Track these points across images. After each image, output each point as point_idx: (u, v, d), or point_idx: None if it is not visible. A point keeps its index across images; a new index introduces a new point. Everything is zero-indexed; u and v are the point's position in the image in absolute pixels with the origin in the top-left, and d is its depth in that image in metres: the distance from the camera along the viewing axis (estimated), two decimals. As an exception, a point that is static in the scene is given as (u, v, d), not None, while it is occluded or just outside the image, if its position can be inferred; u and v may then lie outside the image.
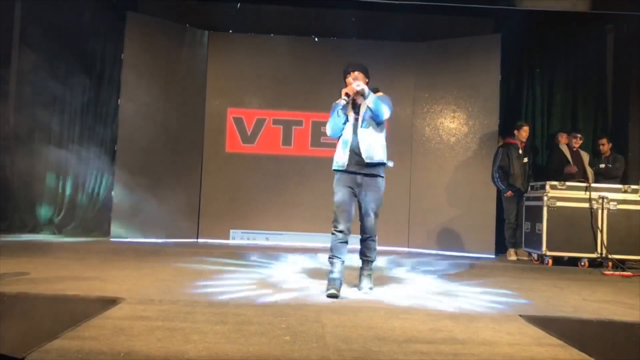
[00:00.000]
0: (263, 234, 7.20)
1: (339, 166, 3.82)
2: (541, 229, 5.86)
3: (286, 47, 7.45)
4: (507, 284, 4.62)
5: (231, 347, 2.28)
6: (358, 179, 3.81)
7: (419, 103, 7.33)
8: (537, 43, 7.49)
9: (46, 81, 6.92)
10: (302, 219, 7.20)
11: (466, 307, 3.44)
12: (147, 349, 2.21)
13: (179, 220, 6.98)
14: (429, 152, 7.24)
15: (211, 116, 7.32)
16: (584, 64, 7.40)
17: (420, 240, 7.15)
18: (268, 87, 7.37)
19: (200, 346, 2.28)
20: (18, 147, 7.04)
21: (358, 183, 3.82)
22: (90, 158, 7.16)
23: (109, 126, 7.13)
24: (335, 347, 2.35)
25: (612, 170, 6.48)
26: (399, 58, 7.37)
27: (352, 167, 3.79)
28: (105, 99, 7.25)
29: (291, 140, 7.36)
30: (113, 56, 7.16)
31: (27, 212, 7.09)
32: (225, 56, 7.39)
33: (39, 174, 7.14)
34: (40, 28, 6.77)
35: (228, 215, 7.22)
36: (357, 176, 3.81)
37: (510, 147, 6.54)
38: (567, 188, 5.92)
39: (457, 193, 7.01)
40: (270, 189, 7.24)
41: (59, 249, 5.53)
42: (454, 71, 7.16)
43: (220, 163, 7.29)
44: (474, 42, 7.11)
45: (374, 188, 3.84)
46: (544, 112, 7.42)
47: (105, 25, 7.17)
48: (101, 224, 7.00)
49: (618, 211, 5.81)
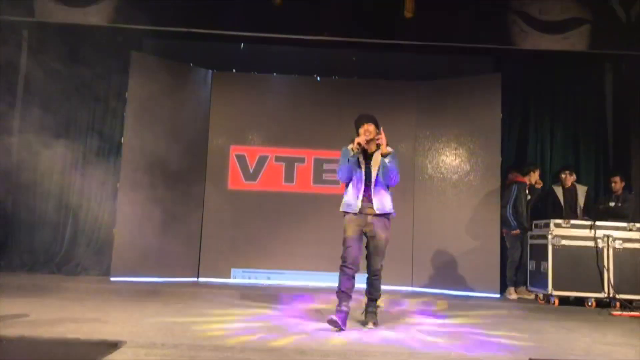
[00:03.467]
0: (265, 272, 7.12)
1: (352, 209, 4.11)
2: (546, 268, 5.80)
3: (289, 86, 7.55)
4: (514, 324, 4.55)
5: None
6: (368, 219, 4.10)
7: (421, 141, 7.36)
8: (537, 82, 7.57)
9: (50, 119, 6.95)
10: (305, 257, 7.13)
11: (475, 350, 3.36)
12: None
13: (179, 258, 6.91)
14: (431, 189, 7.23)
15: (214, 153, 7.33)
16: (583, 102, 7.47)
17: (425, 279, 7.06)
18: (271, 125, 7.41)
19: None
20: (20, 185, 7.03)
21: (368, 223, 4.09)
22: (92, 196, 7.13)
23: (112, 164, 7.12)
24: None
25: (621, 209, 6.37)
26: (400, 97, 7.44)
27: (364, 210, 4.10)
28: (108, 137, 7.25)
29: (293, 177, 7.35)
30: (117, 94, 7.21)
31: (27, 250, 7.02)
32: (229, 94, 7.47)
33: (40, 212, 7.09)
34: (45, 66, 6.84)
35: (229, 253, 7.15)
36: (367, 217, 4.10)
37: (522, 186, 6.56)
38: (571, 226, 5.89)
39: (460, 231, 6.96)
40: (272, 226, 7.20)
41: (58, 289, 5.45)
42: (455, 109, 7.22)
43: (222, 200, 7.26)
44: (474, 81, 7.19)
45: (383, 228, 4.09)
46: (545, 150, 7.43)
47: (110, 65, 7.24)
48: (101, 263, 6.92)
49: (624, 250, 5.76)
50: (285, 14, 6.83)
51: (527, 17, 7.07)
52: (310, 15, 6.89)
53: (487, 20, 7.01)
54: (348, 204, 4.13)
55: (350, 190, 4.15)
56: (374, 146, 4.15)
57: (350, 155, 4.07)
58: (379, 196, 4.10)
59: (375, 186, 4.11)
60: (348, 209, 4.13)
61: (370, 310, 4.09)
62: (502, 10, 7.02)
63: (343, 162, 4.13)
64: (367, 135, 4.08)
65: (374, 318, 4.06)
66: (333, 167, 6.88)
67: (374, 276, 4.10)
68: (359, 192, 4.10)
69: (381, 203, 4.09)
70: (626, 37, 7.05)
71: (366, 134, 4.09)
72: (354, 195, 4.11)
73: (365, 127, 4.12)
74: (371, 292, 4.12)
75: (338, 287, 4.00)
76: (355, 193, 4.11)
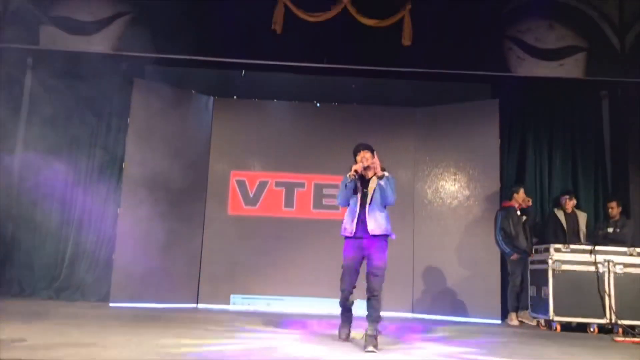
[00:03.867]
0: (264, 298, 7.07)
1: (348, 233, 4.34)
2: (547, 293, 5.77)
3: (289, 112, 7.64)
4: (515, 350, 4.50)
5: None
6: (364, 242, 4.29)
7: (420, 166, 7.40)
8: (535, 108, 7.64)
9: (52, 145, 7.02)
10: (304, 283, 7.10)
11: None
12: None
13: (179, 284, 6.90)
14: (431, 215, 7.24)
15: (214, 179, 7.37)
16: (581, 128, 7.52)
17: (425, 306, 7.02)
18: (271, 150, 7.47)
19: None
20: (20, 212, 7.04)
21: (364, 246, 4.28)
22: (92, 222, 7.13)
23: (113, 189, 7.13)
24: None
25: (620, 235, 6.37)
26: (398, 122, 7.52)
27: (359, 233, 4.30)
28: (110, 163, 7.29)
29: (293, 202, 7.37)
30: (119, 121, 7.27)
31: (26, 276, 6.99)
32: (230, 120, 7.54)
33: (39, 238, 7.08)
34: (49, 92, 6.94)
35: (229, 279, 7.12)
36: (364, 240, 4.29)
37: (508, 210, 6.56)
38: (571, 251, 5.88)
39: (461, 256, 6.96)
40: (272, 251, 7.18)
41: (56, 314, 5.41)
42: (453, 135, 7.28)
43: (222, 225, 7.26)
44: (472, 107, 7.27)
45: (379, 249, 4.25)
46: (543, 175, 7.46)
47: (113, 91, 7.31)
48: (100, 288, 6.89)
49: (625, 275, 5.74)
50: (285, 41, 6.95)
51: (524, 44, 7.19)
52: (310, 42, 7.01)
53: (484, 48, 7.11)
54: (344, 227, 4.38)
55: (347, 215, 4.40)
56: (371, 173, 4.36)
57: (347, 182, 4.32)
58: (373, 217, 4.27)
59: (370, 207, 4.29)
60: (344, 232, 4.38)
61: (370, 334, 4.08)
62: (499, 38, 7.14)
63: (342, 188, 4.41)
64: (364, 162, 4.31)
65: (373, 342, 4.04)
66: (333, 192, 6.92)
67: (372, 296, 4.18)
68: (354, 215, 4.32)
69: (376, 224, 4.25)
70: (621, 65, 7.16)
71: (363, 161, 4.32)
72: (350, 219, 4.35)
73: (362, 155, 4.37)
74: (370, 314, 4.18)
75: (340, 309, 4.45)
76: (351, 217, 4.35)
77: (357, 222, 4.29)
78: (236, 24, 6.89)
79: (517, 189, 6.76)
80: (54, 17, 7.00)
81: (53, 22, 6.99)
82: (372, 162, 4.28)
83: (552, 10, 7.26)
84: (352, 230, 4.30)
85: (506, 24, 7.21)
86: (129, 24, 7.05)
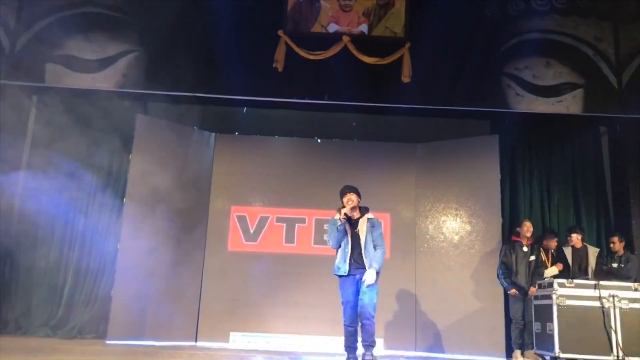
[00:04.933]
0: (264, 336, 6.93)
1: (342, 272, 4.62)
2: (552, 329, 5.65)
3: (290, 148, 7.68)
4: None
5: None
6: (357, 276, 4.61)
7: (421, 201, 7.39)
8: (534, 144, 7.66)
9: (53, 181, 7.02)
10: (306, 320, 6.97)
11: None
12: None
13: (177, 322, 6.80)
14: (433, 250, 7.19)
15: (215, 214, 7.35)
16: (581, 163, 7.52)
17: (428, 343, 6.88)
18: (272, 186, 7.47)
19: None
20: (19, 249, 7.00)
21: (357, 280, 4.59)
22: (91, 258, 7.08)
23: (113, 225, 7.10)
24: None
25: (624, 270, 6.27)
26: (399, 158, 7.55)
27: (352, 272, 4.62)
28: (110, 199, 7.26)
29: (294, 238, 7.33)
30: (120, 157, 7.30)
31: (23, 314, 6.88)
32: (231, 157, 7.57)
33: (37, 275, 7.00)
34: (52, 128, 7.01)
35: (228, 317, 7.00)
36: (357, 275, 4.61)
37: (514, 245, 6.50)
38: (575, 286, 5.79)
39: (464, 293, 6.86)
40: (273, 288, 7.09)
41: (53, 351, 5.31)
42: (454, 171, 7.30)
43: (222, 262, 7.20)
44: (472, 142, 7.32)
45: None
46: (544, 211, 7.41)
47: (116, 128, 7.37)
48: (97, 326, 6.78)
49: (630, 310, 5.63)
50: (286, 78, 7.07)
51: (522, 81, 7.30)
52: (311, 79, 7.13)
53: (482, 84, 7.22)
54: (338, 267, 4.66)
55: (340, 255, 4.67)
56: (357, 213, 4.70)
57: (338, 225, 4.60)
58: (369, 254, 4.58)
59: (365, 247, 4.58)
60: (338, 272, 4.65)
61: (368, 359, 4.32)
62: (497, 75, 7.26)
63: (332, 231, 4.69)
64: (350, 204, 4.63)
65: None
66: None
67: (365, 320, 4.36)
68: (346, 256, 4.59)
69: (370, 261, 4.57)
70: (619, 101, 7.25)
71: (349, 203, 4.64)
72: (342, 259, 4.62)
73: (348, 197, 4.67)
74: (365, 339, 4.35)
75: (344, 343, 4.59)
76: (343, 257, 4.62)
77: (350, 262, 4.57)
78: (238, 62, 7.02)
79: (520, 223, 6.66)
80: (59, 56, 7.15)
81: (58, 60, 7.14)
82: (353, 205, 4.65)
83: (548, 48, 7.40)
84: (345, 270, 4.57)
85: (504, 61, 7.34)
86: (133, 61, 7.19)
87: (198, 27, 7.11)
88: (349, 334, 4.52)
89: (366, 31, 7.17)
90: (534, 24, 7.41)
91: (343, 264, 4.60)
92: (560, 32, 7.43)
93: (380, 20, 7.20)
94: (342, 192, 4.76)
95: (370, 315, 4.40)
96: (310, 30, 7.18)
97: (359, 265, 4.57)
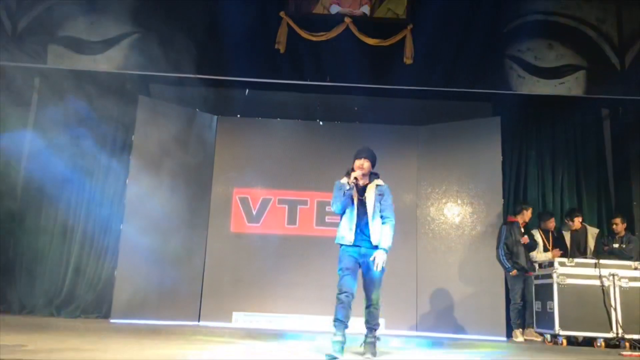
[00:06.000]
0: (267, 316, 6.99)
1: (347, 242, 4.14)
2: (553, 307, 5.71)
3: (292, 130, 7.67)
4: None
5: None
6: (362, 251, 4.14)
7: (423, 184, 7.40)
8: (536, 126, 7.66)
9: (55, 162, 7.04)
10: (307, 300, 7.01)
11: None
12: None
13: (180, 301, 6.85)
14: (434, 232, 7.21)
15: (217, 197, 7.37)
16: (583, 145, 7.52)
17: (429, 323, 6.93)
18: (274, 168, 7.48)
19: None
20: (22, 229, 7.04)
21: (362, 254, 4.13)
22: (95, 238, 7.12)
23: (116, 205, 7.13)
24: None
25: (626, 250, 6.33)
26: (401, 141, 7.54)
27: (357, 242, 4.14)
28: (113, 180, 7.29)
29: (296, 220, 7.36)
30: (124, 138, 7.33)
31: (27, 293, 6.94)
32: (233, 139, 7.58)
33: (41, 255, 7.05)
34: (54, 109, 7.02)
35: (231, 296, 7.05)
36: (362, 248, 4.14)
37: (513, 226, 6.54)
38: (576, 265, 5.84)
39: (465, 273, 6.90)
40: (275, 269, 7.13)
41: (57, 327, 5.37)
42: (456, 153, 7.30)
43: (225, 243, 7.24)
44: (474, 124, 7.31)
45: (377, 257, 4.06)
46: (547, 192, 7.44)
47: (118, 109, 7.37)
48: (100, 306, 6.84)
49: (630, 289, 5.69)
50: (288, 60, 7.07)
51: (524, 63, 7.31)
52: (313, 61, 7.13)
53: (485, 66, 7.23)
54: (342, 236, 4.18)
55: (345, 223, 4.20)
56: (366, 179, 4.27)
57: (346, 189, 4.14)
58: (376, 228, 4.13)
59: (373, 219, 4.13)
60: (343, 240, 4.17)
61: (368, 342, 4.07)
62: (499, 57, 7.27)
63: (338, 195, 4.20)
64: (361, 170, 4.21)
65: (372, 349, 4.03)
66: (336, 209, 6.90)
67: (371, 305, 4.12)
68: (352, 224, 4.14)
69: (377, 236, 4.11)
70: (621, 83, 7.25)
71: (361, 169, 4.21)
72: (348, 227, 4.15)
73: (362, 162, 4.25)
74: (369, 322, 4.14)
75: (334, 317, 4.00)
76: (349, 225, 4.15)
77: (356, 231, 4.13)
78: (240, 44, 7.02)
79: (528, 207, 6.73)
80: (61, 37, 7.16)
81: (61, 42, 7.14)
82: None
83: (551, 30, 7.39)
84: (351, 240, 4.12)
85: (506, 43, 7.35)
86: (135, 43, 7.19)
87: (200, 9, 7.10)
88: (342, 304, 3.96)
89: (368, 12, 7.17)
90: (536, 6, 7.41)
91: (348, 232, 4.13)
92: (562, 14, 7.43)
93: (382, 1, 7.19)
94: (357, 155, 4.33)
95: (379, 303, 4.12)
96: (312, 12, 7.18)
97: (365, 236, 4.13)
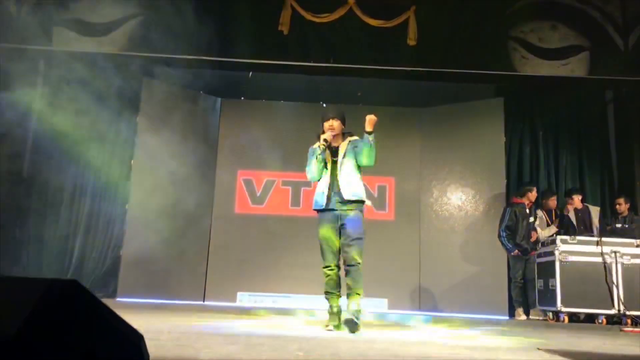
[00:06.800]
0: (271, 296, 7.07)
1: (320, 205, 3.95)
2: (555, 284, 5.74)
3: (295, 113, 7.70)
4: (525, 334, 4.48)
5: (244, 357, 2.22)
6: (337, 213, 3.92)
7: (426, 165, 7.44)
8: (540, 107, 7.67)
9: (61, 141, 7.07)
10: (311, 281, 6.99)
11: (484, 342, 3.33)
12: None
13: (186, 281, 6.93)
14: (437, 213, 7.26)
15: (221, 178, 7.43)
16: (586, 126, 7.53)
17: (432, 303, 7.00)
18: (278, 150, 7.52)
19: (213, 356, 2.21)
20: (29, 208, 7.11)
21: (338, 216, 3.91)
22: (101, 218, 7.18)
23: (122, 186, 7.18)
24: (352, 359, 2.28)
25: (629, 230, 6.34)
26: (404, 122, 7.58)
27: (332, 205, 3.92)
28: (119, 161, 7.34)
29: (300, 201, 7.41)
30: (128, 119, 7.36)
31: (34, 273, 7.01)
32: (237, 121, 7.63)
33: (48, 234, 7.13)
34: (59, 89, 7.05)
35: (235, 277, 7.13)
36: (337, 212, 3.92)
37: (517, 207, 6.56)
38: (578, 242, 5.86)
39: (468, 253, 6.95)
40: (279, 250, 7.20)
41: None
42: (459, 134, 7.33)
43: (229, 224, 7.31)
44: (477, 106, 7.34)
45: (354, 218, 3.89)
46: (550, 173, 7.45)
47: (122, 91, 7.40)
48: (107, 285, 6.92)
49: (632, 266, 5.71)
50: (292, 41, 7.08)
51: (527, 44, 7.29)
52: (316, 43, 7.13)
53: (488, 48, 7.20)
54: (315, 200, 4.01)
55: (319, 187, 4.01)
56: (339, 140, 4.05)
57: (318, 153, 3.91)
58: (347, 183, 3.90)
59: (344, 172, 3.92)
60: (316, 205, 4.00)
61: (348, 318, 3.67)
62: (503, 38, 7.24)
63: (311, 161, 3.98)
64: (331, 131, 3.99)
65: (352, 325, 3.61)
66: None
67: (350, 266, 3.82)
68: (325, 187, 3.94)
69: (350, 189, 3.89)
70: (625, 64, 7.23)
71: (331, 129, 3.99)
72: (321, 190, 3.96)
73: (331, 123, 4.02)
74: (350, 286, 3.82)
75: (325, 290, 3.94)
76: (322, 188, 3.96)
77: (330, 192, 3.92)
78: (243, 25, 7.03)
79: (532, 188, 6.71)
80: (66, 19, 7.18)
81: (65, 24, 7.17)
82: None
83: (555, 11, 7.37)
84: (323, 202, 3.90)
85: (510, 24, 7.32)
86: (139, 25, 7.21)
87: (203, -9, 7.11)
88: (328, 276, 3.88)
89: (372, -6, 7.14)
90: (540, -13, 7.39)
91: (321, 196, 3.92)
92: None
93: (386, -18, 7.17)
94: (324, 116, 4.08)
95: (355, 261, 3.79)
96: (316, -7, 7.16)
97: (340, 199, 3.89)
